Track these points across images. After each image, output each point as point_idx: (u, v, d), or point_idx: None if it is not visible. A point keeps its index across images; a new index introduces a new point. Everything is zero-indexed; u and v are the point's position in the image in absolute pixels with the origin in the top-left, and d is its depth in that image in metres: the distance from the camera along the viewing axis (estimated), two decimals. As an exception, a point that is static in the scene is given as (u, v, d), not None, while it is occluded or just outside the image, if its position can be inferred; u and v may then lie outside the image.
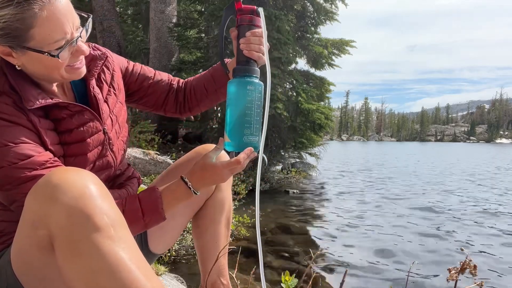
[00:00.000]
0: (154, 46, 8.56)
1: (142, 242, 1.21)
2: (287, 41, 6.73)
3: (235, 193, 4.03)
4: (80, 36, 0.88)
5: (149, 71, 1.22)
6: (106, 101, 1.04)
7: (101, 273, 0.68)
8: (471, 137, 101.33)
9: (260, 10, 0.99)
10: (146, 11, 9.29)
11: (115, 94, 1.08)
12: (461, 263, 0.98)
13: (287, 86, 7.47)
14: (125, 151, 1.14)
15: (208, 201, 1.30)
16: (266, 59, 0.99)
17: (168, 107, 1.26)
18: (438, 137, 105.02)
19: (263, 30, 0.99)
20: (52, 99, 0.90)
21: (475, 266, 0.99)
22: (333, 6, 7.87)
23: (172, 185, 1.00)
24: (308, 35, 7.89)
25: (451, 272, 0.99)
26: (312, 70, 8.16)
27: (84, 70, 0.94)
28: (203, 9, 8.61)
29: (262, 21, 0.99)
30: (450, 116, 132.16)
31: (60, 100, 0.92)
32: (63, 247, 0.70)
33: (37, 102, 0.86)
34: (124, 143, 1.12)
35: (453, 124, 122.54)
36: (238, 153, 0.97)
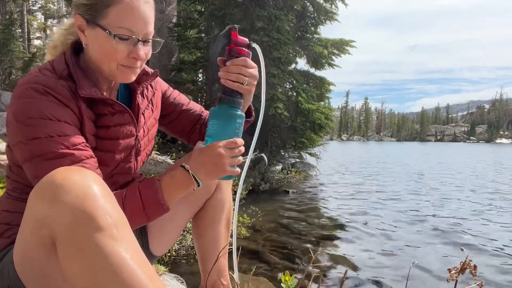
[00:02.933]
0: (154, 46, 8.54)
1: (143, 244, 1.22)
2: (287, 41, 6.73)
3: (235, 193, 4.03)
4: (144, 44, 0.95)
5: (184, 99, 1.29)
6: (143, 113, 1.10)
7: (103, 272, 0.68)
8: (471, 137, 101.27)
9: (256, 46, 1.02)
10: (146, 11, 9.26)
11: (152, 110, 1.15)
12: (461, 263, 0.98)
13: (287, 86, 7.48)
14: (143, 162, 1.18)
15: (208, 201, 1.30)
16: (263, 91, 1.02)
17: (193, 136, 1.29)
18: (438, 137, 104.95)
19: (261, 64, 1.01)
20: (102, 95, 0.96)
21: (475, 266, 0.99)
22: (333, 6, 7.88)
23: (172, 173, 0.98)
24: (308, 35, 7.89)
25: (451, 272, 0.99)
26: (312, 70, 8.16)
27: (132, 78, 0.98)
28: (203, 9, 8.61)
29: (260, 56, 1.01)
30: (450, 116, 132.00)
31: (109, 98, 0.98)
32: (66, 247, 0.71)
33: (90, 93, 0.93)
34: (147, 155, 1.17)
35: (453, 124, 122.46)
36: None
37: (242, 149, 0.98)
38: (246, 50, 1.00)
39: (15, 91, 0.88)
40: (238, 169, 1.00)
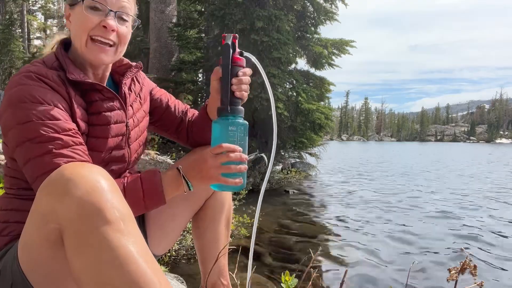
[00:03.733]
0: (154, 46, 8.55)
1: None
2: (287, 41, 6.73)
3: (235, 193, 4.03)
4: (115, 17, 0.98)
5: (169, 96, 1.32)
6: (131, 105, 1.13)
7: (109, 265, 0.69)
8: (471, 137, 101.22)
9: (249, 55, 1.03)
10: (146, 11, 9.29)
11: (140, 103, 1.18)
12: (461, 263, 0.98)
13: (287, 86, 7.47)
14: (139, 155, 1.19)
15: (208, 201, 1.30)
16: (270, 97, 1.07)
17: (181, 136, 1.31)
18: (438, 137, 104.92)
19: (262, 73, 1.04)
20: (91, 80, 0.99)
21: (475, 266, 0.99)
22: (333, 6, 7.87)
23: (168, 172, 1.02)
24: (308, 35, 7.88)
25: (451, 272, 0.99)
26: (312, 70, 8.16)
27: (103, 58, 1.00)
28: (203, 9, 8.61)
29: (258, 65, 1.03)
30: (450, 116, 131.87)
31: (98, 83, 1.01)
32: (73, 240, 0.71)
33: (79, 77, 0.96)
34: (140, 146, 1.18)
35: (453, 124, 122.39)
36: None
37: (236, 156, 0.93)
38: (242, 57, 1.02)
39: (8, 83, 0.92)
40: (233, 180, 0.95)
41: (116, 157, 1.07)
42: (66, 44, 1.04)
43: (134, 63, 1.14)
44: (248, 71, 1.02)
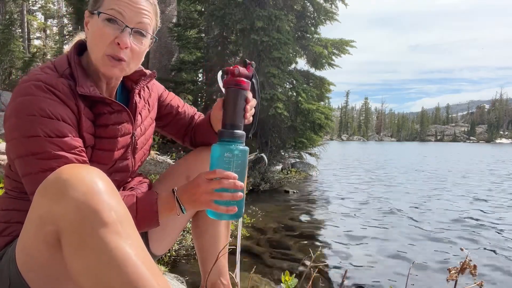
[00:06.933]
0: (154, 46, 8.53)
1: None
2: (287, 41, 6.73)
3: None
4: (131, 34, 0.94)
5: (179, 102, 1.31)
6: (140, 113, 1.12)
7: (107, 267, 0.69)
8: (471, 137, 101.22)
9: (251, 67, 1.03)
10: (146, 11, 9.26)
11: (148, 110, 1.17)
12: (461, 263, 0.98)
13: (287, 86, 7.48)
14: (142, 162, 1.19)
15: (208, 201, 1.30)
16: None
17: (186, 139, 1.32)
18: (438, 137, 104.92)
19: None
20: (101, 94, 0.98)
21: (475, 266, 0.99)
22: (333, 6, 7.88)
23: (163, 194, 0.99)
24: (308, 35, 7.89)
25: (451, 272, 0.99)
26: (312, 70, 8.17)
27: (116, 72, 0.97)
28: (203, 9, 8.61)
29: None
30: (450, 116, 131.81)
31: (107, 97, 1.00)
32: (71, 242, 0.71)
33: (88, 91, 0.93)
34: (145, 154, 1.18)
35: (453, 124, 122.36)
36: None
37: (229, 183, 0.89)
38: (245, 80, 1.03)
39: (16, 88, 0.89)
40: (224, 207, 0.91)
41: (120, 168, 1.07)
42: (81, 46, 1.02)
43: (148, 72, 1.11)
44: (252, 99, 1.04)
